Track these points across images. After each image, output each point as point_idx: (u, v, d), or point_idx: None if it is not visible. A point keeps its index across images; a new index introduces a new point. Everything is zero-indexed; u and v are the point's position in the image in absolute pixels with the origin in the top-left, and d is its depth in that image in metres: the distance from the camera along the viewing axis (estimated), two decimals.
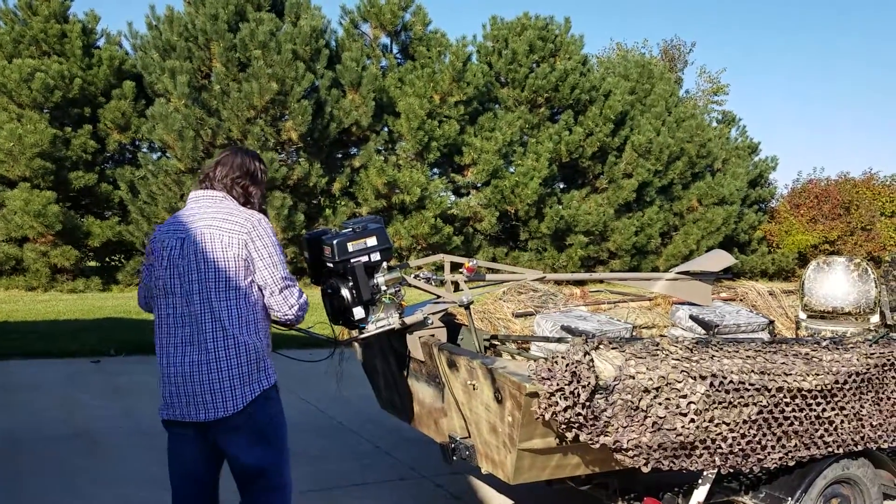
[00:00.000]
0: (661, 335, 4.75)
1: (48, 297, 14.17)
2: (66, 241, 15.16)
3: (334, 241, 3.43)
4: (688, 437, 3.15)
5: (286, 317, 3.08)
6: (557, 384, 2.95)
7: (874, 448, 3.76)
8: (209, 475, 3.10)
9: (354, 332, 3.73)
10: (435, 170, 18.61)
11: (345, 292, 3.47)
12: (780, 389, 3.34)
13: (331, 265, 3.49)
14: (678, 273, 4.93)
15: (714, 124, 24.27)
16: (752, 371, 3.29)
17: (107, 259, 17.12)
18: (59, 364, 8.12)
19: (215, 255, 2.93)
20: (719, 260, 4.96)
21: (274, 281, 3.00)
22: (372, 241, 3.48)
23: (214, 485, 3.15)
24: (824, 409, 3.49)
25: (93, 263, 16.98)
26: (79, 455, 5.33)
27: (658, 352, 3.19)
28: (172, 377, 2.92)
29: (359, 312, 3.48)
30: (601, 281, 6.55)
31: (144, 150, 16.94)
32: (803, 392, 3.41)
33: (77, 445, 5.54)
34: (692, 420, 3.14)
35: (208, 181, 3.09)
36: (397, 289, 3.57)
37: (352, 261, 3.44)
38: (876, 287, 5.18)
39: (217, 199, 3.04)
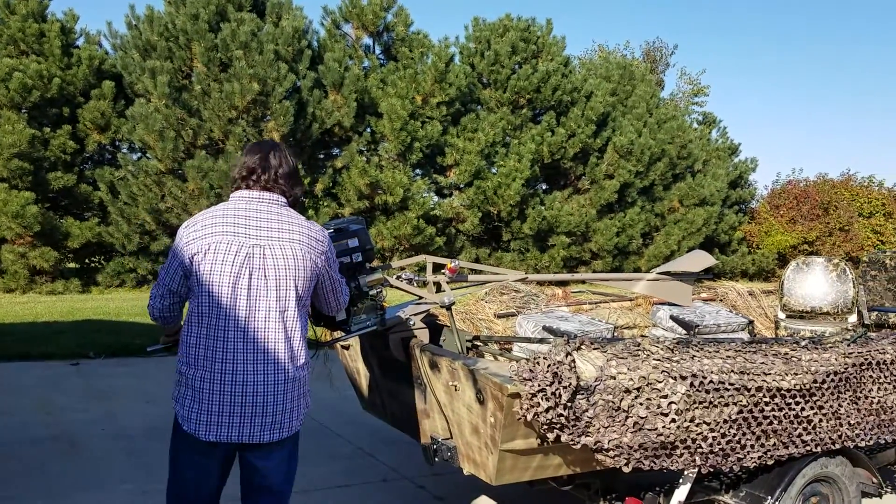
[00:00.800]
0: (642, 335, 4.78)
1: (27, 298, 14.02)
2: (44, 243, 15.02)
3: None
4: (668, 436, 3.16)
5: (340, 309, 3.20)
6: (539, 385, 2.96)
7: (852, 446, 3.80)
8: (220, 491, 3.00)
9: (336, 334, 3.72)
10: (417, 171, 18.60)
11: None
12: (759, 389, 3.36)
13: None
14: (659, 273, 4.96)
15: (695, 126, 24.44)
16: (732, 371, 3.32)
17: (86, 260, 16.96)
18: (38, 367, 8.04)
19: (300, 270, 2.82)
20: (700, 260, 5.00)
21: (341, 293, 3.09)
22: (354, 242, 3.47)
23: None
24: (803, 409, 3.52)
25: (72, 265, 16.82)
26: (58, 458, 5.28)
27: (639, 352, 3.21)
28: (241, 396, 2.72)
29: (340, 314, 3.47)
30: (583, 281, 6.57)
31: (124, 150, 16.82)
32: (782, 391, 3.44)
33: (56, 449, 5.48)
34: (673, 420, 3.15)
35: (253, 182, 2.88)
36: (379, 290, 3.57)
37: None
38: (854, 287, 5.23)
39: (283, 204, 2.89)
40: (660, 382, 3.13)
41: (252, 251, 2.76)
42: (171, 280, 2.83)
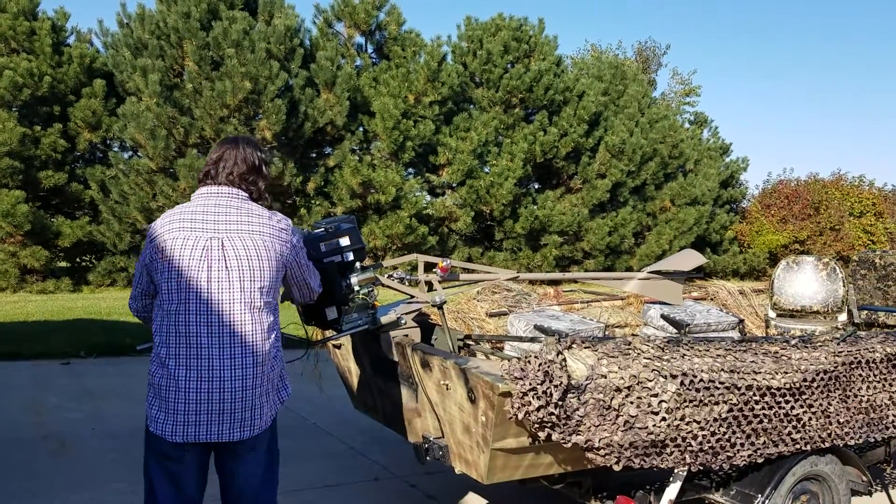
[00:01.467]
0: (633, 334, 4.79)
1: (17, 298, 13.95)
2: (35, 242, 14.95)
3: (306, 241, 3.40)
4: (659, 435, 3.17)
5: (314, 296, 3.15)
6: (530, 384, 2.96)
7: (841, 445, 3.81)
8: (200, 498, 2.89)
9: (328, 333, 3.71)
10: (410, 170, 18.59)
11: None
12: (749, 387, 3.38)
13: None
14: (650, 272, 4.97)
15: (686, 125, 24.50)
16: (723, 370, 3.33)
17: (77, 259, 16.89)
18: (29, 366, 8.00)
19: (269, 260, 2.79)
20: (690, 259, 5.02)
21: (312, 278, 3.06)
22: (345, 241, 3.47)
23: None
24: (793, 407, 3.54)
25: (63, 264, 16.75)
26: (48, 458, 5.26)
27: (630, 351, 3.21)
28: (206, 393, 2.65)
29: (331, 313, 3.46)
30: (574, 280, 6.58)
31: (115, 149, 16.75)
32: (772, 390, 3.45)
33: (46, 448, 5.46)
34: (663, 418, 3.16)
35: (213, 178, 2.86)
36: (370, 289, 3.56)
37: (325, 261, 3.42)
38: (844, 286, 5.26)
39: (242, 198, 2.85)
40: (650, 381, 3.14)
41: (210, 244, 2.72)
42: (139, 281, 2.85)
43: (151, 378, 2.75)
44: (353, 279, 3.49)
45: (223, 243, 2.73)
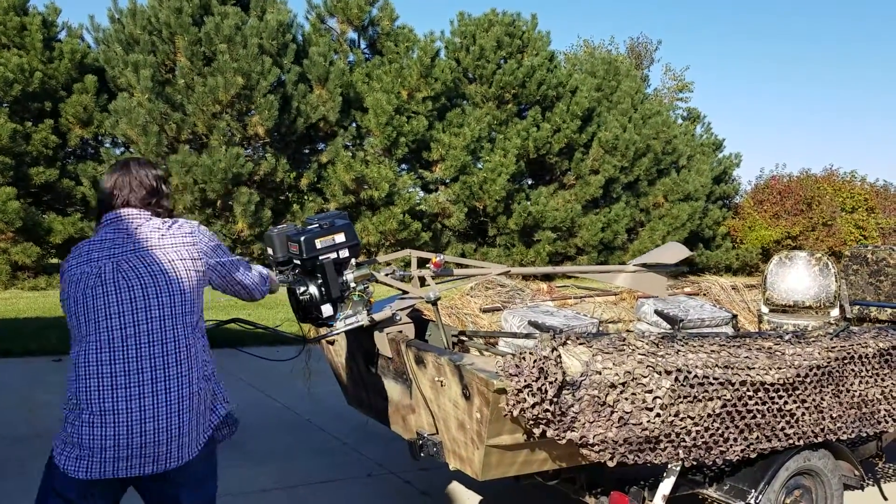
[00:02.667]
0: (627, 330, 4.81)
1: (9, 294, 13.89)
2: (26, 238, 14.86)
3: (301, 238, 3.38)
4: (653, 431, 3.18)
5: (258, 290, 2.94)
6: (525, 380, 2.96)
7: (834, 440, 3.83)
8: None
9: (323, 330, 3.70)
10: (403, 165, 18.56)
11: (313, 290, 3.43)
12: (743, 383, 3.39)
13: (298, 262, 3.45)
14: (636, 266, 4.99)
15: (679, 121, 24.53)
16: (717, 365, 3.34)
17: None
18: (20, 363, 7.97)
19: (178, 275, 2.59)
20: (675, 252, 5.03)
21: (245, 279, 2.86)
22: (340, 238, 3.45)
23: None
24: (786, 402, 3.55)
25: (55, 260, 16.66)
26: (39, 456, 5.23)
27: (624, 347, 3.22)
28: (121, 428, 2.45)
29: (327, 310, 3.45)
30: (566, 275, 6.59)
31: (107, 145, 16.66)
32: (766, 385, 3.46)
33: (38, 446, 5.43)
34: (658, 414, 3.17)
35: (112, 203, 2.68)
36: (366, 285, 3.55)
37: (320, 258, 3.40)
38: (836, 281, 5.28)
39: (143, 215, 2.67)
40: (645, 377, 3.15)
41: (105, 268, 2.57)
42: (70, 323, 2.66)
43: (63, 410, 2.60)
44: (349, 276, 3.48)
45: (118, 264, 2.56)
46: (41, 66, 15.31)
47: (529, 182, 20.54)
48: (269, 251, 3.56)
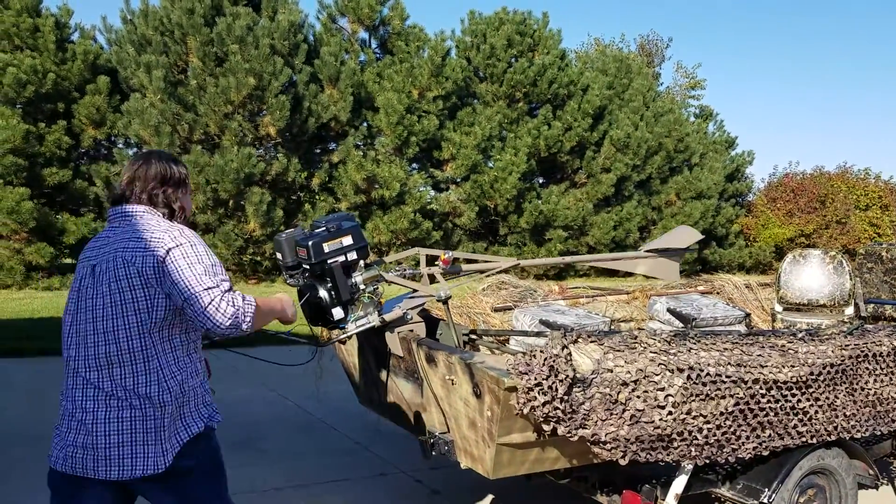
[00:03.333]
0: (638, 328, 4.78)
1: (23, 294, 13.99)
2: (40, 239, 14.97)
3: (310, 243, 3.38)
4: (665, 429, 3.17)
5: (219, 329, 2.46)
6: (535, 378, 2.95)
7: (848, 438, 3.80)
8: None
9: (335, 333, 3.70)
10: (414, 165, 18.58)
11: (323, 293, 3.42)
12: (756, 381, 3.37)
13: (307, 266, 3.45)
14: (647, 251, 4.96)
15: (691, 119, 24.43)
16: (729, 363, 3.32)
17: None
18: (34, 362, 8.02)
19: (134, 279, 2.47)
20: (686, 236, 5.00)
21: (195, 292, 2.44)
22: (348, 240, 3.45)
23: None
24: (799, 401, 3.53)
25: (68, 261, 16.77)
26: None
27: (636, 345, 3.21)
28: (75, 427, 2.49)
29: (338, 313, 3.44)
30: (575, 269, 6.56)
31: (120, 145, 16.76)
32: (779, 384, 3.44)
33: (48, 446, 5.47)
34: (670, 412, 3.15)
35: (125, 200, 2.64)
36: (375, 286, 3.55)
37: (329, 261, 3.39)
38: (850, 279, 5.24)
39: (137, 213, 2.59)
40: (657, 375, 3.13)
41: (85, 271, 2.57)
42: None
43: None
44: (358, 278, 3.48)
45: (94, 269, 2.54)
46: (54, 67, 15.41)
47: (540, 181, 20.52)
48: (279, 256, 3.57)
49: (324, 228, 3.45)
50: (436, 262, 4.24)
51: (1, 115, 14.37)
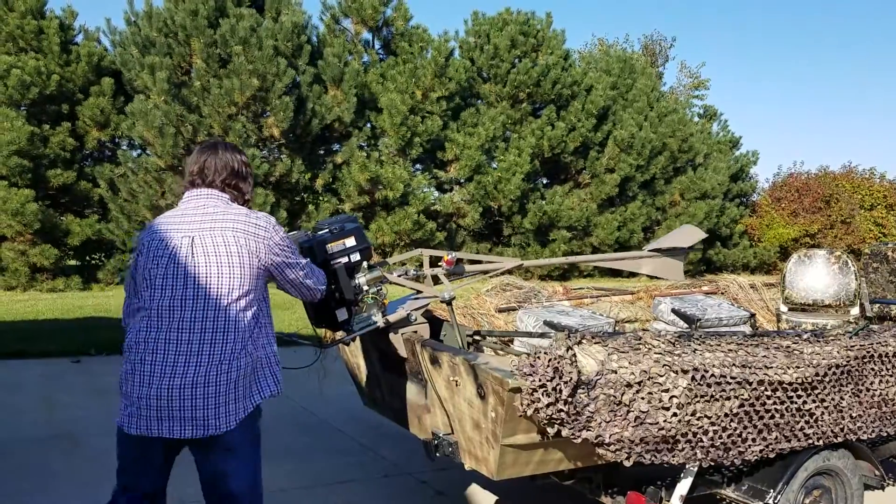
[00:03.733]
0: (643, 329, 4.77)
1: (27, 296, 14.01)
2: (45, 240, 15.00)
3: (313, 244, 3.40)
4: (670, 430, 3.16)
5: (317, 297, 3.13)
6: (540, 380, 2.95)
7: (854, 439, 3.79)
8: (164, 488, 2.95)
9: (339, 334, 3.70)
10: (418, 165, 18.58)
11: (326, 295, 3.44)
12: (761, 382, 3.35)
13: None
14: (651, 251, 4.95)
15: (695, 119, 24.40)
16: (734, 364, 3.31)
17: (87, 258, 16.94)
18: (39, 364, 8.03)
19: (240, 257, 2.76)
20: (690, 235, 4.99)
21: (309, 277, 3.02)
22: (351, 242, 3.46)
23: (164, 489, 3.00)
24: (805, 402, 3.51)
25: (72, 262, 16.81)
26: (59, 456, 5.28)
27: (640, 346, 3.20)
28: (161, 389, 2.65)
29: (342, 314, 3.46)
30: (577, 266, 6.55)
31: (124, 147, 16.79)
32: (784, 385, 3.43)
33: (57, 446, 5.48)
34: (674, 414, 3.14)
35: (195, 187, 2.91)
36: (379, 288, 3.56)
37: (332, 263, 3.41)
38: (856, 279, 5.22)
39: (222, 198, 2.88)
40: (661, 376, 3.12)
41: (181, 241, 2.76)
42: (130, 292, 2.91)
43: (122, 371, 2.83)
44: (362, 279, 3.48)
45: (193, 240, 2.76)
46: (58, 69, 15.45)
47: (544, 181, 20.51)
48: None
49: (327, 230, 3.46)
50: (439, 264, 4.23)
51: (5, 116, 14.40)
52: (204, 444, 2.76)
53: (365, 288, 3.48)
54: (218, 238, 2.76)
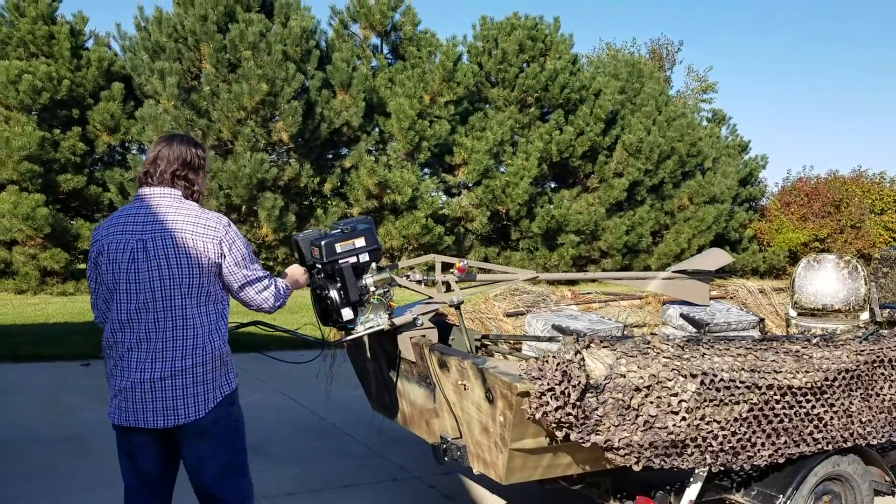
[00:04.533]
0: (651, 333, 4.76)
1: (38, 300, 14.09)
2: (55, 244, 15.07)
3: (322, 242, 3.43)
4: (679, 435, 3.15)
5: (264, 306, 3.10)
6: (548, 383, 2.95)
7: (864, 445, 3.77)
8: (165, 481, 3.10)
9: (344, 334, 3.72)
10: (426, 170, 18.59)
11: (333, 293, 3.47)
12: (770, 387, 3.35)
13: (319, 266, 3.50)
14: (674, 272, 4.93)
15: (704, 123, 24.33)
16: (743, 369, 3.30)
17: None
18: (49, 367, 8.07)
19: (189, 258, 2.87)
20: (716, 258, 4.97)
21: (251, 278, 3.02)
22: (360, 242, 3.48)
23: (170, 492, 3.15)
24: (814, 407, 3.50)
25: (83, 266, 16.86)
26: (68, 459, 5.30)
27: (649, 350, 3.19)
28: (135, 384, 2.85)
29: (347, 313, 3.48)
30: (594, 280, 6.55)
31: (134, 151, 16.86)
32: (793, 389, 3.42)
33: (66, 449, 5.50)
34: (683, 418, 3.14)
35: (150, 178, 2.98)
36: (386, 289, 3.57)
37: (340, 262, 3.44)
38: (865, 284, 5.20)
39: (175, 197, 2.96)
40: (670, 381, 3.12)
41: (136, 246, 2.87)
42: (95, 288, 3.01)
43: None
44: (369, 280, 3.50)
45: (147, 244, 2.87)
46: (69, 74, 15.53)
47: (552, 185, 20.48)
48: (296, 256, 3.64)
49: (339, 230, 3.51)
50: (451, 271, 4.24)
51: (17, 121, 14.49)
52: (182, 436, 2.94)
53: (372, 289, 3.50)
54: (168, 240, 2.87)
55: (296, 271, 3.48)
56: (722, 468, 3.37)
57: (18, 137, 14.22)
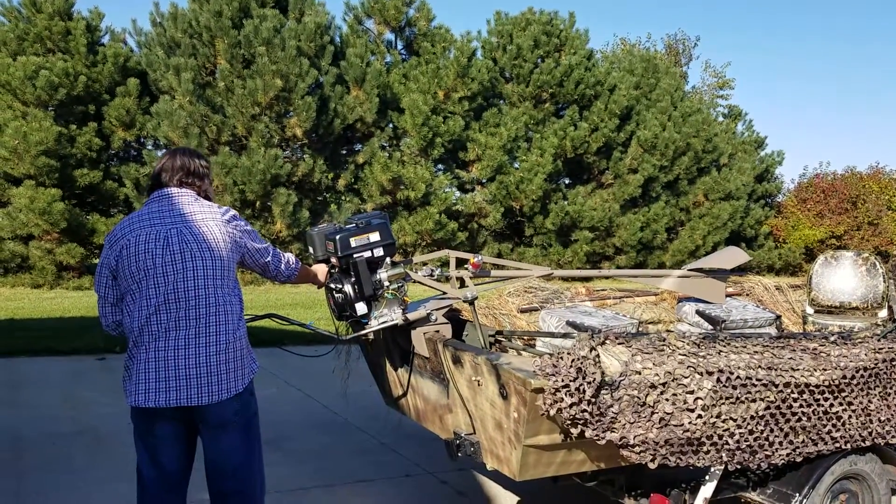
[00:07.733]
0: (667, 330, 4.73)
1: (54, 294, 14.19)
2: (71, 239, 15.18)
3: (337, 237, 3.44)
4: (694, 432, 3.13)
5: (286, 273, 3.33)
6: (563, 380, 2.93)
7: (882, 443, 3.73)
8: (183, 476, 3.12)
9: (359, 329, 3.72)
10: (440, 166, 18.58)
11: (347, 288, 3.48)
12: (787, 385, 3.31)
13: (333, 260, 3.51)
14: (691, 270, 4.89)
15: (720, 119, 24.18)
16: (760, 366, 3.27)
17: None
18: (65, 361, 8.13)
19: (219, 245, 3.00)
20: (734, 257, 4.92)
21: (267, 252, 3.23)
22: (375, 237, 3.49)
23: (185, 489, 3.16)
24: (832, 405, 3.47)
25: (98, 261, 16.99)
26: (83, 452, 5.33)
27: (664, 347, 3.17)
28: (169, 360, 2.89)
29: (361, 308, 3.48)
30: (608, 278, 6.52)
31: (149, 147, 16.95)
32: (811, 387, 3.38)
33: (82, 442, 5.54)
34: (699, 416, 3.11)
35: (159, 185, 3.13)
36: (400, 284, 3.57)
37: (354, 256, 3.44)
38: (884, 281, 5.14)
39: (189, 194, 3.10)
40: (686, 378, 3.09)
41: (169, 233, 2.97)
42: (105, 291, 3.09)
43: (127, 356, 3.01)
44: (383, 274, 3.50)
45: (181, 231, 2.98)
46: (85, 70, 15.63)
47: (567, 181, 20.42)
48: (311, 250, 3.65)
49: (353, 224, 3.51)
50: (465, 266, 4.23)
51: (34, 117, 14.59)
52: (205, 427, 2.99)
53: (386, 283, 3.50)
54: (195, 229, 2.99)
55: (319, 269, 3.63)
56: (738, 466, 3.35)
57: (35, 133, 14.33)
